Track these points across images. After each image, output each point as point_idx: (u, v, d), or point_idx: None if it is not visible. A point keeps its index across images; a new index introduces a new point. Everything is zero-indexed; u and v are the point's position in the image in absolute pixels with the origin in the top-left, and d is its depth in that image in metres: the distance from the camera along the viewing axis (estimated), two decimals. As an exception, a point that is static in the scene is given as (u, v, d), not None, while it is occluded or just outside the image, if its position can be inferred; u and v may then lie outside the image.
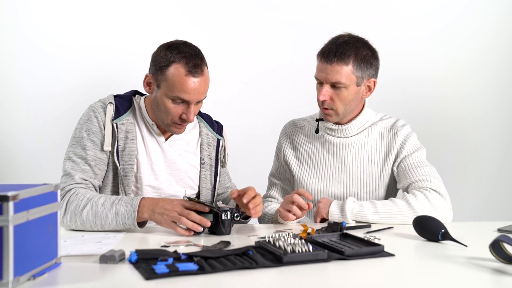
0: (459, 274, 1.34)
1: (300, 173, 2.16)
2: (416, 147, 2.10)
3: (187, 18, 2.94)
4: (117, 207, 1.78)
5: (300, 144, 2.20)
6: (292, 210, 1.89)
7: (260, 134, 2.96)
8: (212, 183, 2.10)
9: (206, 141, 2.10)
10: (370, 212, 1.92)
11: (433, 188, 1.97)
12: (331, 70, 1.98)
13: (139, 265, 1.35)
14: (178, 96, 1.88)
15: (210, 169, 2.10)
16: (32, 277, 1.24)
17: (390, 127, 2.14)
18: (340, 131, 2.13)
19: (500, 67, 3.07)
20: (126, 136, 1.94)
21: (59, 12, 2.82)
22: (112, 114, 1.93)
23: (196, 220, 1.72)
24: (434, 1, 3.06)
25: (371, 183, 2.10)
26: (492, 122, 3.08)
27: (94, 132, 1.92)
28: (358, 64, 1.99)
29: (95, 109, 1.94)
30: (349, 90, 2.01)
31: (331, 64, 1.98)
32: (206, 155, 2.09)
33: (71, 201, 1.81)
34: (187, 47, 1.92)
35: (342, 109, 2.03)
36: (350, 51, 1.98)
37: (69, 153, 1.93)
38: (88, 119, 1.94)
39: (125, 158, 1.93)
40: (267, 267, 1.35)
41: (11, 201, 1.16)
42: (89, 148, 1.91)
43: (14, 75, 2.81)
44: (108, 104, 1.94)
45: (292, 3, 3.00)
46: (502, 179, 3.09)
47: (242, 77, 3.00)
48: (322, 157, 2.15)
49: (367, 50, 2.03)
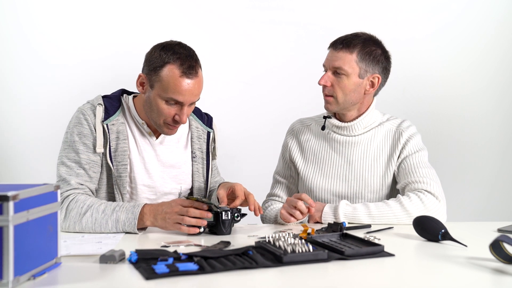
0: (459, 274, 1.34)
1: (305, 170, 2.17)
2: (418, 148, 2.10)
3: (188, 18, 2.94)
4: (117, 214, 1.78)
5: (306, 142, 2.20)
6: (295, 214, 1.90)
7: (261, 134, 2.96)
8: (205, 176, 2.10)
9: (197, 134, 2.10)
10: (363, 214, 1.93)
11: (428, 190, 1.97)
12: (336, 56, 2.04)
13: (139, 265, 1.35)
14: (171, 97, 1.87)
15: (202, 162, 2.10)
16: (32, 277, 1.25)
17: (396, 127, 2.15)
18: (346, 129, 2.13)
19: (500, 67, 3.07)
20: (118, 136, 1.94)
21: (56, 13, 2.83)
22: (102, 115, 1.92)
23: (196, 215, 1.73)
24: (434, 1, 3.05)
25: (375, 183, 2.10)
26: (492, 122, 3.08)
27: (86, 135, 1.91)
28: (363, 56, 2.03)
29: (84, 111, 1.93)
30: (350, 80, 2.03)
31: (336, 51, 2.04)
32: (197, 148, 2.09)
33: (71, 209, 1.81)
34: (181, 48, 1.91)
35: (342, 98, 2.05)
36: (357, 41, 2.04)
37: (62, 158, 1.92)
38: (78, 122, 1.93)
39: (118, 158, 1.93)
40: (267, 267, 1.35)
41: (11, 201, 1.16)
42: (82, 151, 1.90)
43: (14, 75, 2.81)
44: (97, 105, 1.94)
45: (292, 4, 3.00)
46: (502, 179, 3.09)
47: (242, 77, 3.00)
48: (327, 155, 2.15)
49: (376, 47, 2.06)
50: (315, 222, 1.97)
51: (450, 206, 2.89)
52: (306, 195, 1.92)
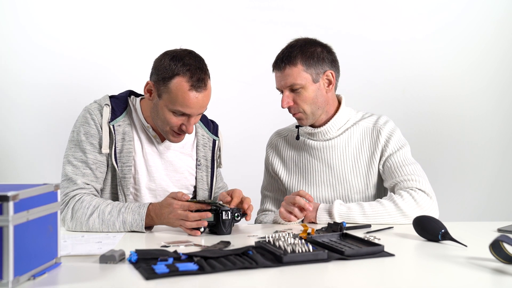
0: (459, 274, 1.34)
1: (289, 181, 2.16)
2: (401, 144, 2.09)
3: (188, 19, 2.94)
4: (124, 216, 1.79)
5: (286, 153, 2.19)
6: (294, 212, 1.90)
7: (261, 134, 2.94)
8: (209, 184, 2.10)
9: (202, 142, 2.09)
10: (358, 214, 1.92)
11: (419, 188, 1.97)
12: (283, 75, 2.02)
13: (139, 265, 1.35)
14: (179, 110, 1.87)
15: (206, 170, 2.09)
16: (32, 277, 1.25)
17: (373, 125, 2.13)
18: (319, 134, 2.11)
19: (500, 67, 3.07)
20: (123, 137, 1.94)
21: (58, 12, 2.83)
22: (109, 116, 1.92)
23: (196, 218, 1.74)
24: (434, 1, 3.05)
25: (359, 184, 2.09)
26: (492, 122, 3.08)
27: (93, 135, 1.91)
28: (307, 62, 2.01)
29: (91, 111, 1.93)
30: (308, 89, 2.01)
31: (281, 70, 2.02)
32: (202, 156, 2.08)
33: (77, 209, 1.82)
34: (192, 59, 1.88)
35: (309, 109, 2.03)
36: (295, 52, 2.02)
37: (68, 157, 1.92)
38: (85, 121, 1.92)
39: (123, 159, 1.93)
40: (267, 267, 1.35)
41: (11, 201, 1.16)
42: (89, 151, 1.90)
43: (15, 75, 2.81)
44: (104, 105, 1.93)
45: (292, 4, 3.00)
46: (502, 179, 3.09)
47: (243, 77, 3.00)
48: (307, 163, 2.14)
49: (314, 47, 2.05)
50: (309, 222, 1.97)
51: (450, 206, 2.90)
52: (303, 191, 1.91)
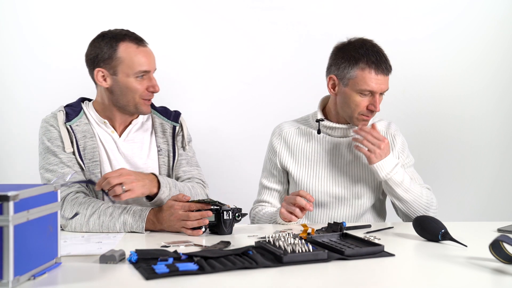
0: (459, 274, 1.34)
1: (298, 174, 2.15)
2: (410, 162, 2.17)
3: (189, 19, 2.94)
4: (125, 217, 1.80)
5: (296, 145, 2.18)
6: (295, 212, 1.90)
7: (261, 134, 2.94)
8: (170, 168, 2.09)
9: (161, 129, 2.10)
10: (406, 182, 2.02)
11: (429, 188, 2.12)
12: (385, 80, 2.04)
13: (139, 265, 1.35)
14: (139, 70, 1.93)
15: (168, 155, 2.09)
16: (32, 277, 1.25)
17: (386, 129, 2.17)
18: (341, 131, 2.13)
19: (500, 67, 3.07)
20: (85, 135, 1.97)
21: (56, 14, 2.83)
22: (63, 117, 1.96)
23: (197, 217, 1.75)
24: (434, 1, 3.05)
25: (370, 181, 2.11)
26: (492, 122, 3.08)
27: (56, 138, 1.95)
28: None
29: (47, 120, 1.99)
30: None
31: (386, 75, 2.04)
32: (162, 142, 2.09)
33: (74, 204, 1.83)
34: (118, 29, 1.99)
35: None
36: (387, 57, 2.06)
37: (43, 166, 1.96)
38: (45, 129, 1.98)
39: (88, 156, 1.96)
40: (267, 267, 1.35)
41: (11, 201, 1.16)
42: (59, 152, 1.94)
43: (15, 75, 2.81)
44: (58, 112, 1.99)
45: (294, 4, 3.00)
46: (502, 179, 3.09)
47: (243, 78, 3.00)
48: (320, 157, 2.14)
49: None
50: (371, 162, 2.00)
51: (450, 206, 2.90)
52: (304, 191, 1.91)
